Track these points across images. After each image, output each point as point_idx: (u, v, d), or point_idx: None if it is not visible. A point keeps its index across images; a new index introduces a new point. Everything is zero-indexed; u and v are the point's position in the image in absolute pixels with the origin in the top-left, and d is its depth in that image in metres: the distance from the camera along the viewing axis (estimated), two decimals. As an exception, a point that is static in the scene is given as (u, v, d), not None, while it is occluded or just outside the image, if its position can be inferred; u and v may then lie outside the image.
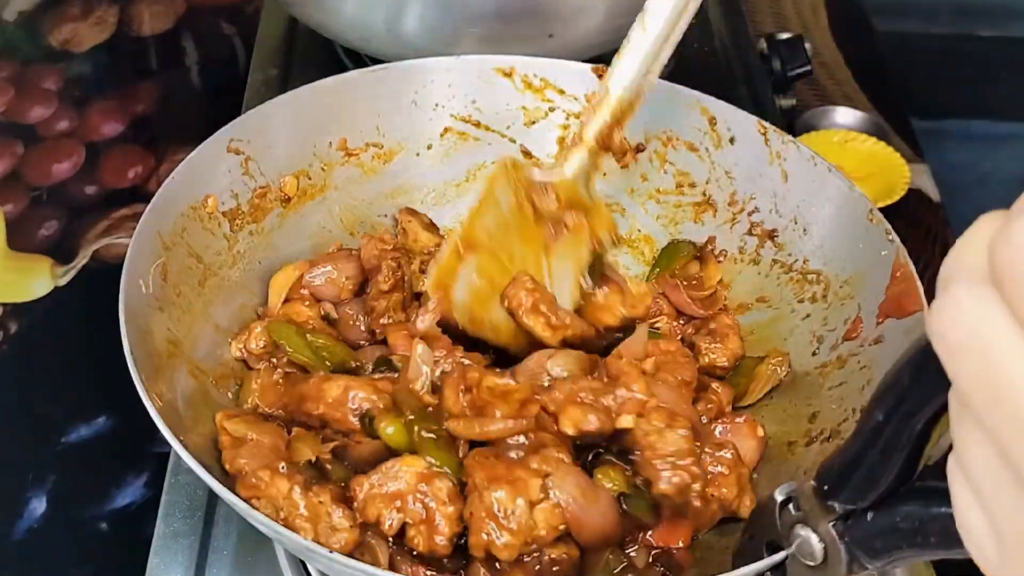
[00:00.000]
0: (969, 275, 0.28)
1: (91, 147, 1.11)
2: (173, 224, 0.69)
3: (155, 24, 1.25)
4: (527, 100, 0.85)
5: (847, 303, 0.72)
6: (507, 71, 0.84)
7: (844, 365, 0.70)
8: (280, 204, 0.78)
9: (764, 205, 0.80)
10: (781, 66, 1.13)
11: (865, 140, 1.14)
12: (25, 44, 1.19)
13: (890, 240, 0.70)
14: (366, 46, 0.97)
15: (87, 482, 0.87)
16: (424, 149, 0.85)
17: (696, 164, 0.83)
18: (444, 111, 0.84)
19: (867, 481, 0.41)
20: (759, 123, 0.79)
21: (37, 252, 1.01)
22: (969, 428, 0.30)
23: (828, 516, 0.44)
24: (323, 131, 0.80)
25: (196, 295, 0.70)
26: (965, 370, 0.28)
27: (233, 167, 0.74)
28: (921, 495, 0.39)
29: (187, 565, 0.72)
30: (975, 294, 0.28)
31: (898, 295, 0.68)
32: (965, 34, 1.28)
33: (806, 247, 0.77)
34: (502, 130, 0.86)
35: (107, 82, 1.19)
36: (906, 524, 0.39)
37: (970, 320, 0.28)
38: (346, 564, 0.52)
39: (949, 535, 0.36)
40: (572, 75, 0.84)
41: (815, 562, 0.46)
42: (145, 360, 0.59)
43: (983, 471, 0.30)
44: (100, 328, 0.62)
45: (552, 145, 0.86)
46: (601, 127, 0.72)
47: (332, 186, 0.81)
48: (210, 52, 1.26)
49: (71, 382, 0.93)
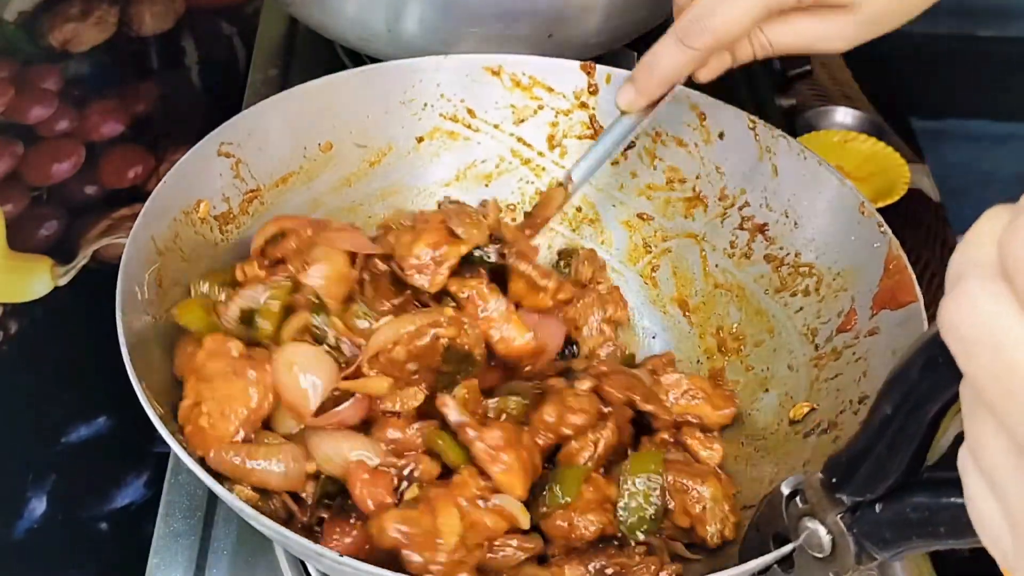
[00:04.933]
0: (980, 270, 0.29)
1: (91, 147, 1.11)
2: (167, 229, 0.69)
3: (155, 24, 1.25)
4: (516, 98, 0.85)
5: (840, 295, 0.73)
6: (495, 70, 0.84)
7: (839, 357, 0.71)
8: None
9: (755, 199, 0.80)
10: (781, 66, 1.13)
11: (865, 140, 1.13)
12: (25, 44, 1.19)
13: (882, 232, 0.70)
14: (366, 46, 0.97)
15: (87, 482, 0.87)
16: (413, 149, 0.85)
17: (686, 160, 0.83)
18: (433, 110, 0.85)
19: (875, 473, 0.41)
20: (748, 118, 0.79)
21: (37, 252, 1.01)
22: (983, 419, 0.30)
23: (836, 508, 0.44)
24: (312, 132, 0.80)
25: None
26: (979, 364, 0.29)
27: (224, 171, 0.74)
28: (930, 486, 0.39)
29: (187, 565, 0.72)
30: (986, 288, 0.29)
31: (892, 287, 0.68)
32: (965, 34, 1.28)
33: (798, 240, 0.77)
34: (491, 129, 0.86)
35: (107, 82, 1.19)
36: (916, 515, 0.39)
37: (983, 314, 0.29)
38: (349, 565, 0.52)
39: (959, 525, 0.36)
40: (560, 73, 0.85)
41: (823, 554, 0.46)
42: (144, 367, 0.59)
43: (997, 461, 0.30)
44: (100, 328, 0.62)
45: (541, 143, 0.87)
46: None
47: (321, 186, 0.81)
48: (210, 52, 1.26)
49: (71, 382, 0.92)
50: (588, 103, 0.85)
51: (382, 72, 0.82)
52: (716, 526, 0.64)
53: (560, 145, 0.87)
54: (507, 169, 0.88)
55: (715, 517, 0.64)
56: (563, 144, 0.87)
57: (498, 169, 0.88)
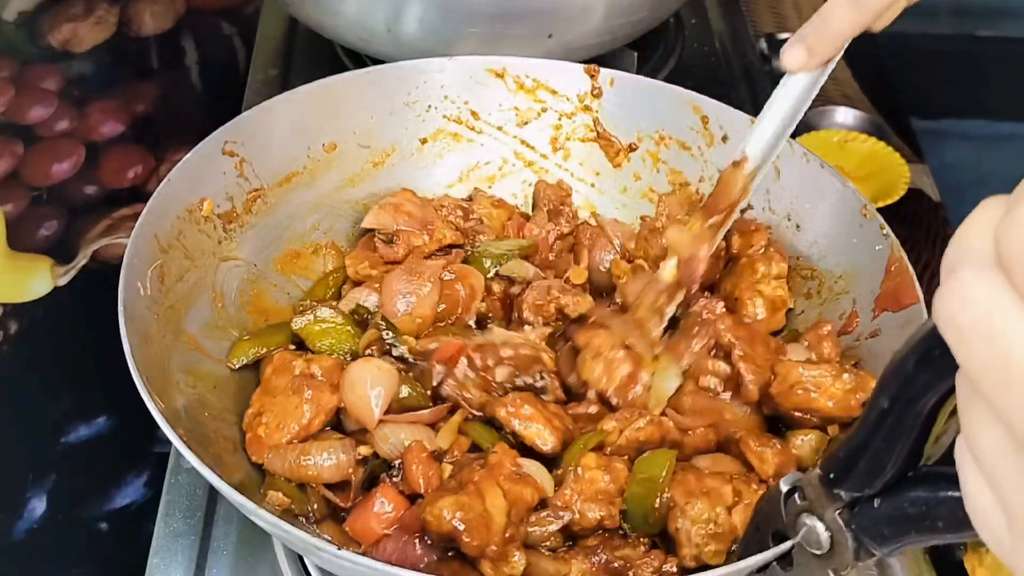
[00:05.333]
0: (975, 260, 0.29)
1: (91, 147, 1.11)
2: (170, 227, 0.69)
3: (155, 24, 1.25)
4: (519, 100, 0.85)
5: (842, 298, 0.73)
6: (499, 72, 0.84)
7: (841, 359, 0.71)
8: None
9: (757, 202, 0.80)
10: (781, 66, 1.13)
11: (865, 140, 1.14)
12: (25, 44, 1.19)
13: (884, 235, 0.70)
14: (366, 46, 0.97)
15: (87, 482, 0.87)
16: (417, 150, 0.85)
17: (689, 163, 0.83)
18: (437, 112, 0.85)
19: (873, 468, 0.41)
20: (751, 121, 0.79)
21: (37, 252, 1.01)
22: (979, 412, 0.30)
23: (834, 504, 0.44)
24: (317, 132, 0.80)
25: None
26: (974, 354, 0.29)
27: (228, 169, 0.74)
28: (928, 480, 0.39)
29: (187, 565, 0.72)
30: (982, 278, 0.28)
31: (893, 289, 0.68)
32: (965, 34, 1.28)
33: (800, 243, 0.77)
34: (495, 131, 0.86)
35: (107, 82, 1.19)
36: (914, 509, 0.39)
37: (978, 304, 0.28)
38: (347, 559, 0.52)
39: (957, 519, 0.36)
40: (564, 75, 0.85)
41: (822, 550, 0.46)
42: (146, 364, 0.59)
43: (993, 454, 0.30)
44: (100, 328, 0.62)
45: (544, 145, 0.87)
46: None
47: (324, 186, 0.81)
48: (210, 52, 1.26)
49: (71, 382, 0.93)
50: (591, 106, 0.85)
51: (386, 73, 0.82)
52: (691, 550, 0.61)
53: (563, 148, 0.87)
54: (510, 171, 0.88)
55: (690, 540, 0.61)
56: (566, 147, 0.87)
57: (501, 171, 0.88)
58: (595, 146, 0.86)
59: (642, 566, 0.61)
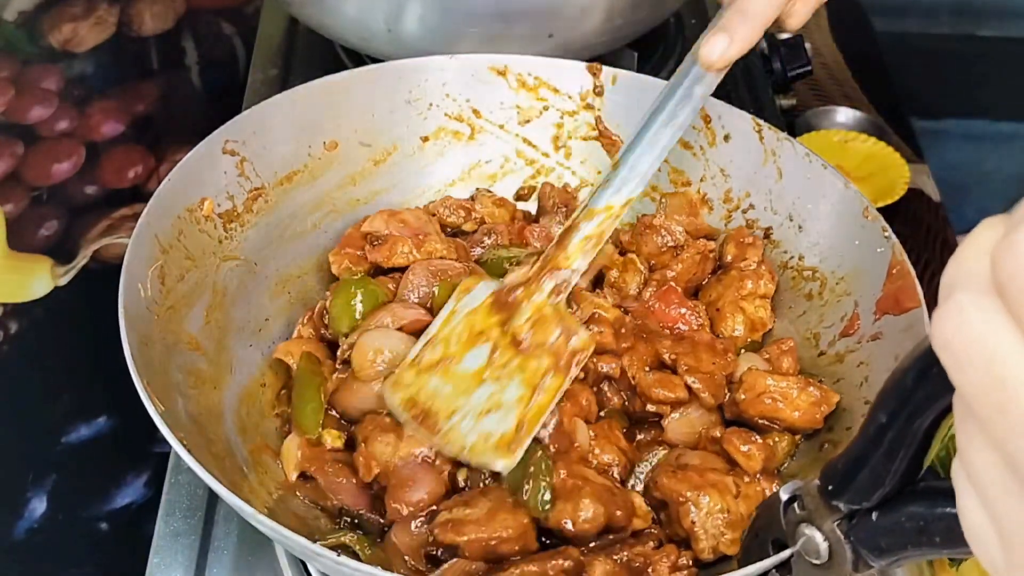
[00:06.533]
0: (972, 283, 0.28)
1: (91, 147, 1.11)
2: (170, 227, 0.69)
3: (155, 24, 1.25)
4: (521, 99, 0.85)
5: (844, 300, 0.73)
6: (501, 70, 0.84)
7: (842, 361, 0.71)
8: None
9: (759, 202, 0.80)
10: (781, 66, 1.13)
11: (865, 140, 1.14)
12: (25, 44, 1.19)
13: (886, 237, 0.70)
14: (366, 46, 0.97)
15: (87, 482, 0.87)
16: (419, 148, 0.85)
17: (691, 162, 0.83)
18: (439, 110, 0.85)
19: (871, 482, 0.41)
20: (754, 120, 0.79)
21: (37, 252, 1.01)
22: (973, 433, 0.30)
23: (833, 515, 0.44)
24: (318, 131, 0.80)
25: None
26: (970, 378, 0.29)
27: (229, 168, 0.74)
28: (926, 495, 0.39)
29: (187, 565, 0.71)
30: (979, 303, 0.28)
31: (895, 291, 0.68)
32: (965, 34, 1.28)
33: (802, 244, 0.77)
34: (496, 129, 0.86)
35: (107, 82, 1.19)
36: (911, 524, 0.39)
37: (974, 329, 0.28)
38: (347, 565, 0.52)
39: (954, 535, 0.36)
40: (566, 74, 0.85)
41: (820, 561, 0.46)
42: (146, 365, 0.59)
43: (987, 475, 0.30)
44: (100, 328, 0.62)
45: (546, 144, 0.87)
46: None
47: (325, 185, 0.81)
48: (210, 52, 1.26)
49: (71, 382, 0.92)
50: (594, 104, 0.85)
51: (388, 71, 0.82)
52: (708, 542, 0.61)
53: (565, 146, 0.87)
54: (512, 169, 0.88)
55: (707, 532, 0.61)
56: (568, 145, 0.87)
57: (503, 169, 0.88)
58: (597, 144, 0.86)
59: (659, 562, 0.61)
